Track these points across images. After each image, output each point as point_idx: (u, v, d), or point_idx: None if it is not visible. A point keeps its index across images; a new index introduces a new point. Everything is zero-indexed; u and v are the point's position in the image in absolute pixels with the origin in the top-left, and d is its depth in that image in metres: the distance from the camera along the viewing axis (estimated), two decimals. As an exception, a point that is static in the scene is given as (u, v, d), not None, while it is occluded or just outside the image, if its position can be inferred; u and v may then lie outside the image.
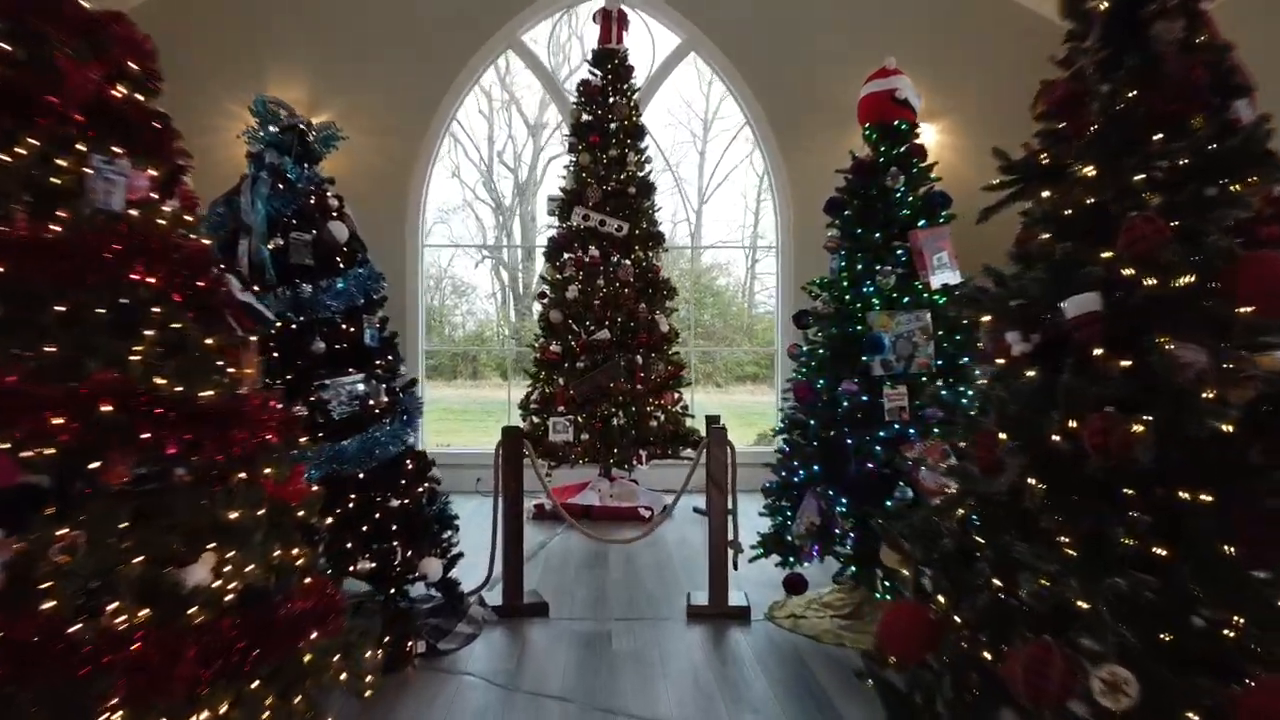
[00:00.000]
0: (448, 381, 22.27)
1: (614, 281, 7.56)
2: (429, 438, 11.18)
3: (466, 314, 20.82)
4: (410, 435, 4.34)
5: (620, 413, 7.42)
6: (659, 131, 10.65)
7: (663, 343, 7.70)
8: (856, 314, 4.47)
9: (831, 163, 9.45)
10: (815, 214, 9.58)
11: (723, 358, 18.05)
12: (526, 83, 16.57)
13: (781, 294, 9.10)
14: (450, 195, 17.48)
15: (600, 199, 7.65)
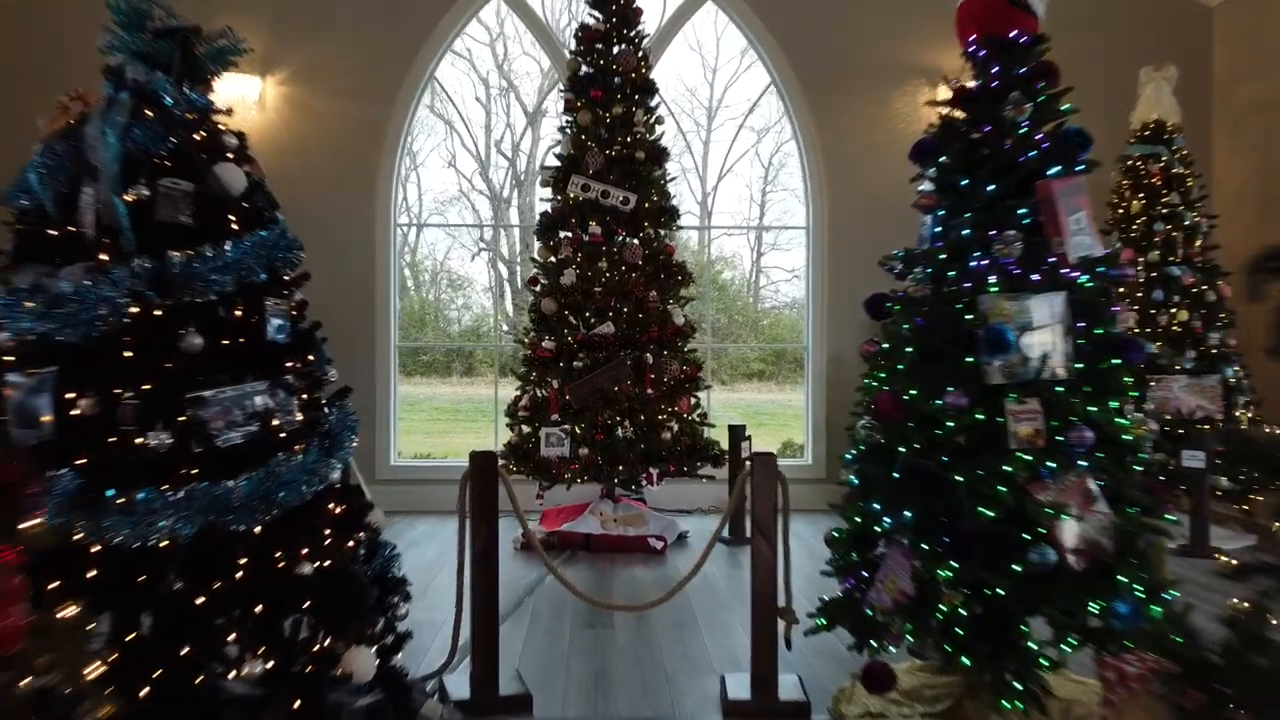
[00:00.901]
0: (443, 378, 21.23)
1: (619, 264, 6.30)
2: (406, 446, 9.90)
3: (462, 308, 19.87)
4: (335, 467, 3.08)
5: (626, 421, 6.16)
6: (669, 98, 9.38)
7: (677, 338, 6.44)
8: (962, 298, 3.20)
9: (874, 130, 8.21)
10: (854, 190, 8.05)
11: (728, 354, 16.80)
12: (525, 69, 15.48)
13: (813, 281, 7.84)
14: (447, 186, 16.52)
15: (602, 166, 6.38)
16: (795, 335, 17.15)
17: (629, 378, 6.17)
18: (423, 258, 19.42)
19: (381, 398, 7.58)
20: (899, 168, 8.05)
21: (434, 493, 7.57)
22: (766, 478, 3.47)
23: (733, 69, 14.33)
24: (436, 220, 15.74)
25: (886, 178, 7.73)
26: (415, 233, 17.56)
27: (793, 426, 16.31)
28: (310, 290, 7.50)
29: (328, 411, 3.18)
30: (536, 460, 6.26)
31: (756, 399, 19.07)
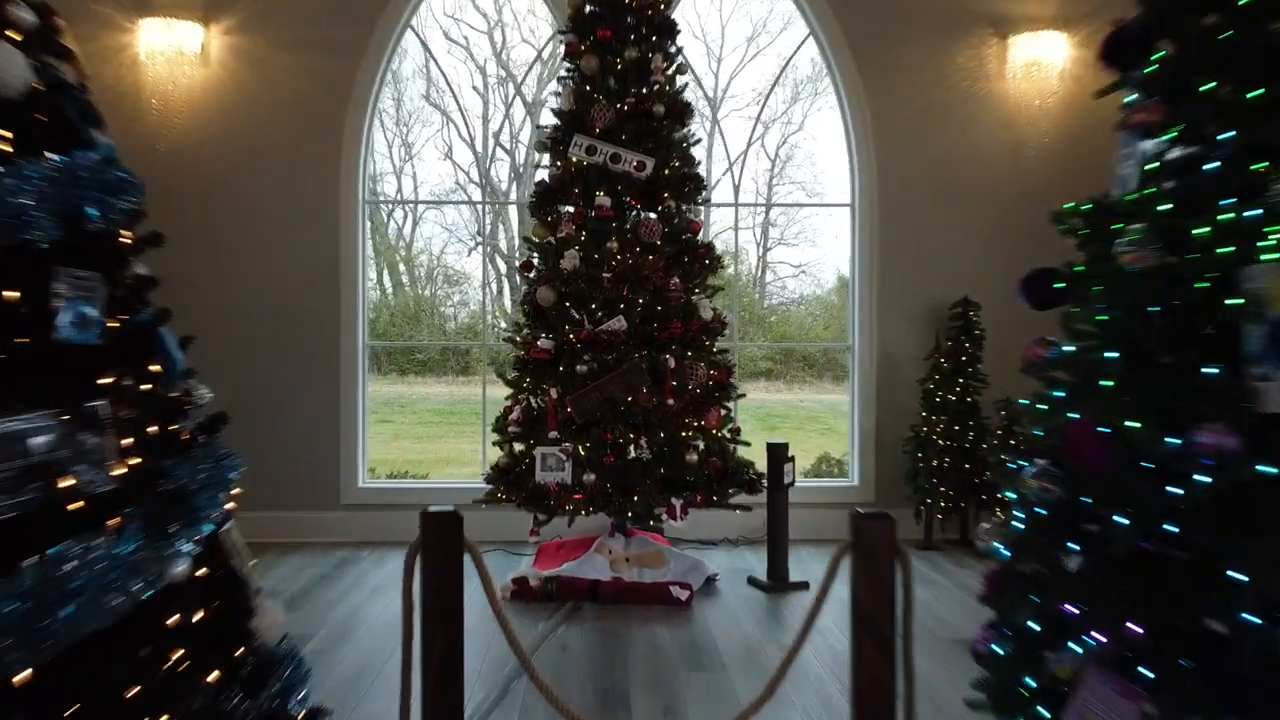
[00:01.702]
0: (438, 377, 20.15)
1: (632, 245, 5.08)
2: (395, 453, 8.62)
3: (459, 304, 18.87)
4: (181, 554, 1.85)
5: (642, 440, 4.94)
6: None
7: (704, 335, 5.22)
8: (1213, 270, 1.96)
9: (932, 89, 6.39)
10: (908, 158, 6.53)
11: (737, 353, 15.61)
12: (525, 58, 14.43)
13: (859, 267, 6.61)
14: (443, 178, 15.46)
15: (612, 123, 5.17)
16: (803, 332, 15.91)
17: (645, 385, 4.95)
18: (418, 252, 18.38)
19: (347, 408, 6.36)
20: (963, 131, 6.68)
21: (411, 521, 6.33)
22: (878, 547, 2.25)
23: (738, 58, 13.21)
24: (434, 216, 14.48)
25: (948, 144, 6.52)
26: (410, 226, 16.37)
27: (807, 429, 15.11)
28: (260, 279, 6.00)
29: (193, 455, 1.97)
30: (530, 488, 5.05)
31: (766, 399, 17.92)
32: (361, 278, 6.45)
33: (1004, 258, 6.55)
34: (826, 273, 15.42)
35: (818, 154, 13.51)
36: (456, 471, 12.33)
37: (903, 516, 6.46)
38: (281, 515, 6.32)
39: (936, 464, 6.13)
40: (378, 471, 8.12)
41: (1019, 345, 6.34)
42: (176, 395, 2.03)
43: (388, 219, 15.54)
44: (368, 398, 6.55)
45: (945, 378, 6.22)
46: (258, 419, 6.32)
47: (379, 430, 15.59)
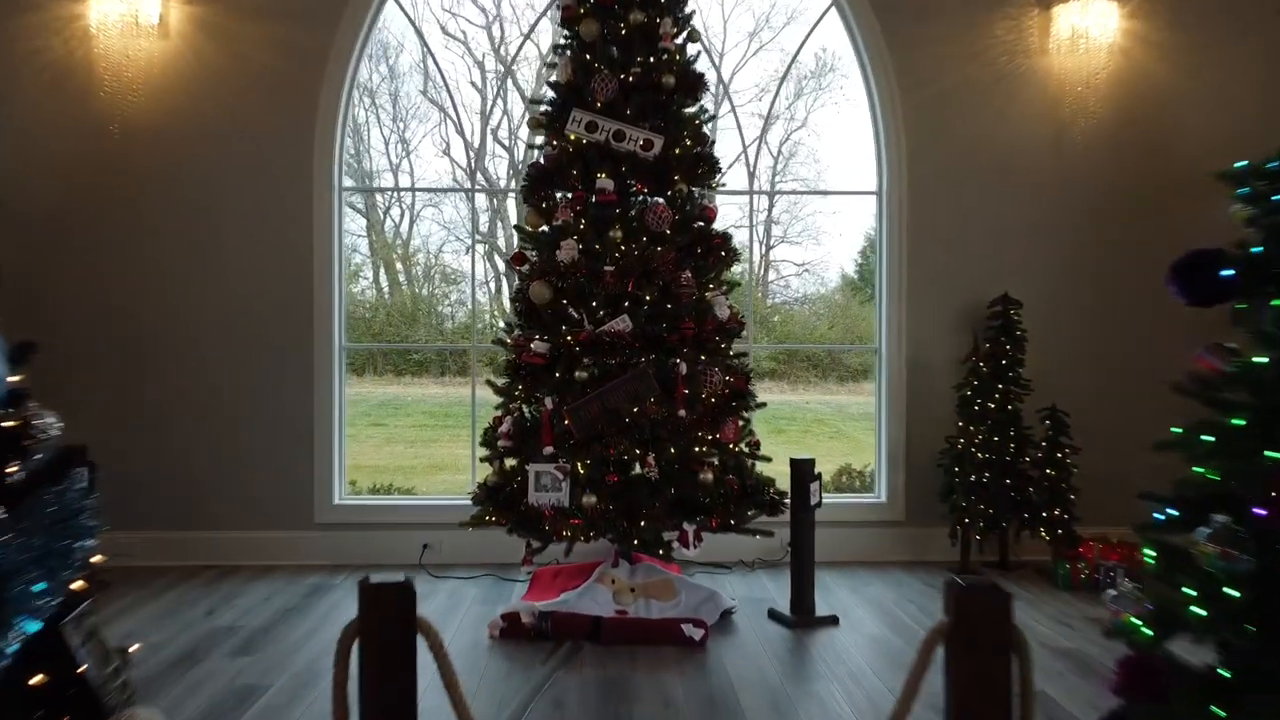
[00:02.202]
0: (435, 378, 19.66)
1: (638, 234, 4.48)
2: (388, 457, 7.94)
3: (457, 304, 18.39)
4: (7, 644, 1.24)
5: (650, 456, 4.33)
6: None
7: (720, 337, 4.61)
8: None
9: (968, 64, 5.77)
10: (941, 141, 5.90)
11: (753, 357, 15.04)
12: (524, 52, 13.87)
13: (886, 262, 5.99)
14: (441, 176, 14.98)
15: (615, 96, 4.56)
16: (807, 332, 15.35)
17: (653, 394, 4.34)
18: (415, 250, 17.88)
19: (321, 416, 5.75)
20: (1001, 112, 5.81)
21: (392, 541, 5.75)
22: (986, 637, 1.63)
23: (740, 53, 12.63)
24: (432, 214, 13.90)
25: (984, 125, 5.91)
26: (408, 223, 15.81)
27: (815, 433, 14.54)
28: (225, 273, 5.47)
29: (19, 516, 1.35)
30: (522, 510, 4.44)
31: (770, 401, 17.36)
32: (338, 272, 5.84)
33: (1047, 250, 5.95)
34: (830, 271, 14.92)
35: (821, 150, 12.98)
36: (449, 480, 11.74)
37: (934, 536, 5.87)
38: (248, 536, 5.71)
39: (975, 479, 5.52)
40: (359, 485, 7.52)
41: (1064, 347, 5.74)
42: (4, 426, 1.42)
43: (384, 216, 15.03)
44: (345, 404, 5.94)
45: (984, 383, 5.61)
46: (221, 429, 5.71)
47: (371, 434, 14.99)
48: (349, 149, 13.75)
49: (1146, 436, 5.98)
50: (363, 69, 12.92)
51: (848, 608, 4.83)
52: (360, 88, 12.47)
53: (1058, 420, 5.58)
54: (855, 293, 14.81)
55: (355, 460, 13.50)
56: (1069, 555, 5.38)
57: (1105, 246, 5.94)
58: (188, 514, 5.71)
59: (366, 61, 12.89)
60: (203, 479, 5.70)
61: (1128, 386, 5.94)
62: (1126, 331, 5.95)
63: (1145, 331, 5.95)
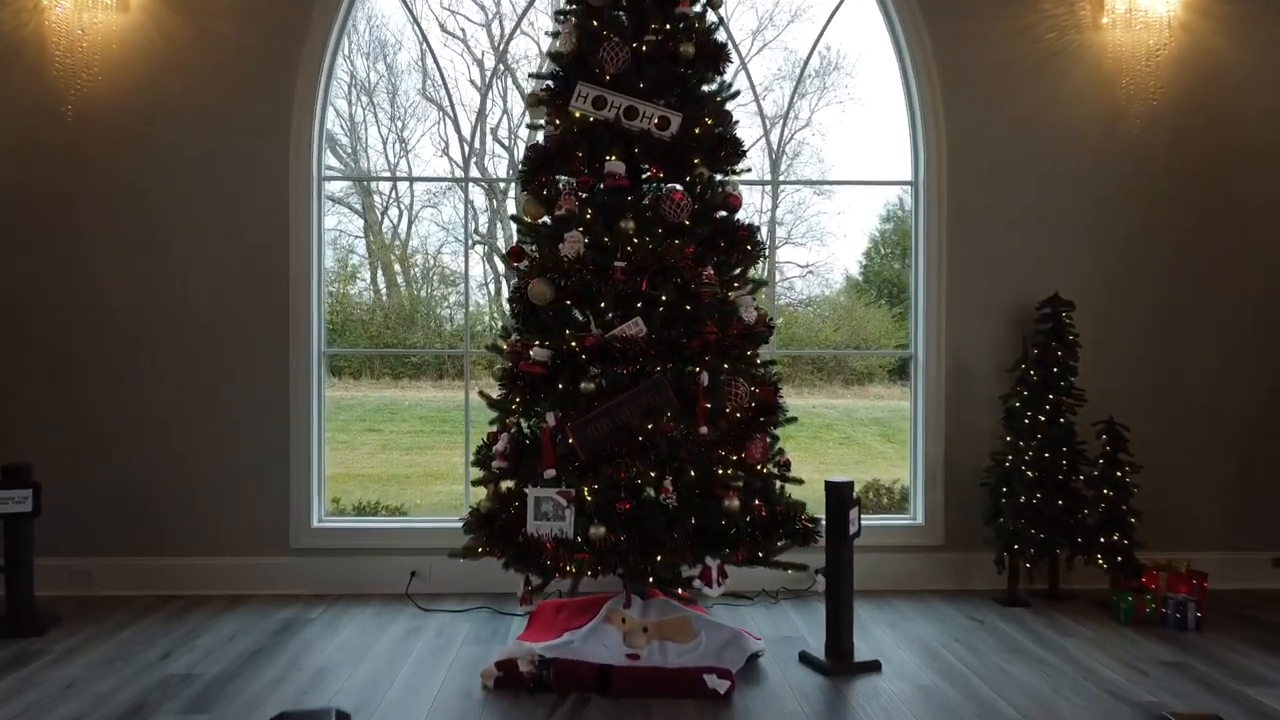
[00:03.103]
0: (434, 381, 19.22)
1: (653, 224, 3.92)
2: (381, 465, 7.29)
3: (456, 305, 17.94)
4: None
5: (667, 481, 3.76)
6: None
7: (746, 343, 4.05)
8: None
9: (1013, 40, 5.15)
10: (985, 124, 5.27)
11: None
12: (523, 49, 13.40)
13: (924, 258, 5.42)
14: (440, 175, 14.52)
15: (626, 68, 4.00)
16: (812, 335, 14.83)
17: (671, 408, 3.78)
18: (413, 251, 17.46)
19: (298, 430, 5.18)
20: (1050, 93, 5.13)
21: (377, 568, 5.19)
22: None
23: (747, 48, 12.16)
24: (430, 215, 13.36)
25: (1031, 108, 5.36)
26: (406, 224, 15.30)
27: (824, 439, 13.97)
28: (190, 273, 4.94)
29: None
30: (520, 541, 3.87)
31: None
32: (316, 269, 5.27)
33: (1101, 246, 5.38)
34: (835, 273, 14.44)
35: (825, 150, 12.50)
36: (444, 491, 11.19)
37: (976, 562, 5.29)
38: (218, 563, 5.15)
39: (1025, 500, 4.96)
40: (343, 503, 6.94)
41: (1121, 353, 5.11)
42: None
43: (382, 216, 14.58)
44: (325, 417, 5.37)
45: (1034, 394, 5.04)
46: (187, 444, 5.16)
47: (366, 441, 14.43)
48: (345, 148, 13.23)
49: (1215, 452, 5.52)
50: (359, 65, 12.29)
51: (888, 649, 4.27)
52: (358, 85, 11.97)
53: (1116, 435, 5.01)
54: (860, 295, 14.38)
55: (349, 469, 12.94)
56: (1131, 586, 4.82)
57: (1166, 241, 5.37)
58: (151, 539, 5.15)
59: (363, 59, 12.31)
60: (167, 500, 5.14)
61: (1194, 397, 5.39)
62: (1192, 335, 5.38)
63: (1213, 336, 5.38)
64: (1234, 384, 5.42)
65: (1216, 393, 5.41)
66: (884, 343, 14.89)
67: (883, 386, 14.92)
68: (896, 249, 14.44)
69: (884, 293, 14.68)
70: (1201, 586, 4.74)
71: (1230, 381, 5.42)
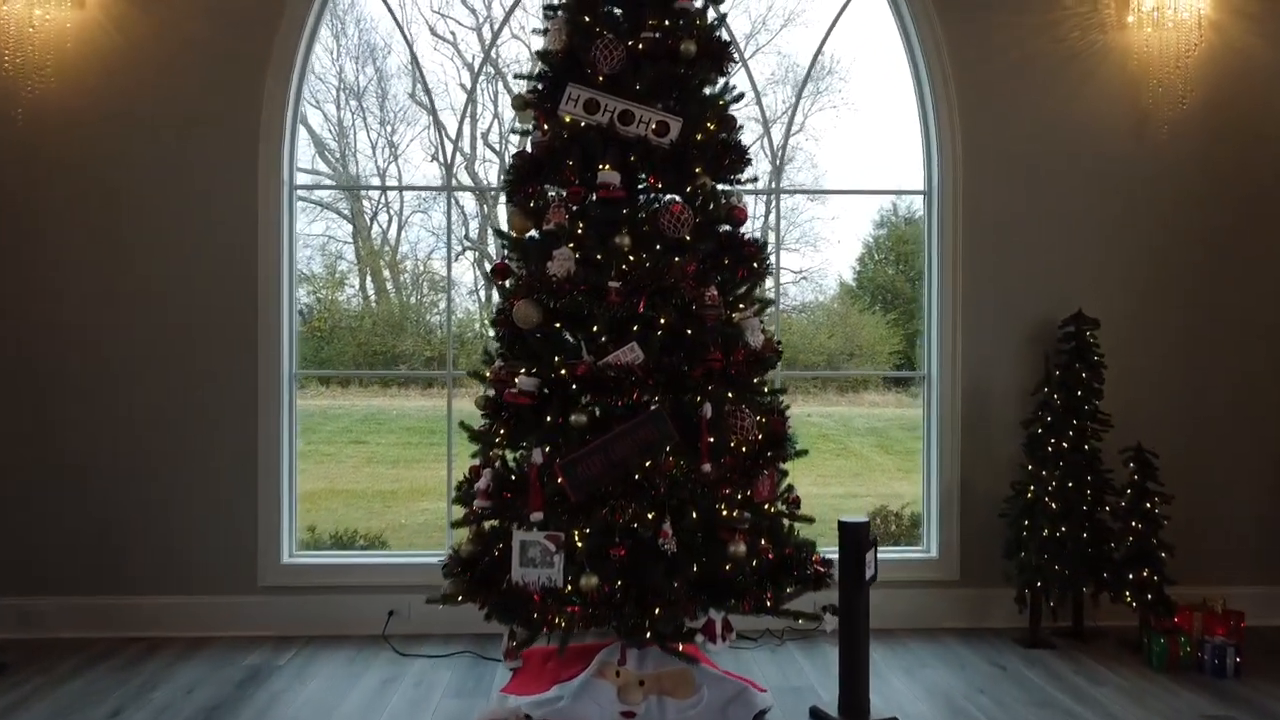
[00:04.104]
0: (422, 390, 18.86)
1: (650, 240, 3.56)
2: (367, 479, 6.79)
3: (446, 312, 17.60)
4: None
5: (666, 524, 3.40)
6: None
7: (753, 369, 3.69)
8: None
9: (1032, 38, 4.77)
10: (998, 126, 4.85)
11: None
12: (514, 53, 13.09)
13: (937, 271, 5.08)
14: (430, 180, 14.20)
15: (622, 67, 3.64)
16: (805, 342, 14.45)
17: (671, 442, 3.43)
18: (402, 256, 17.14)
19: (267, 457, 4.81)
20: (1073, 96, 4.69)
21: (352, 607, 4.82)
22: None
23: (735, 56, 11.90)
24: (420, 220, 12.97)
25: (1053, 111, 5.02)
26: (395, 230, 14.94)
27: (820, 449, 13.58)
28: (150, 290, 4.46)
29: None
30: (505, 589, 3.51)
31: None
32: (287, 284, 4.90)
33: (1128, 259, 5.05)
34: (829, 279, 14.12)
35: (819, 155, 12.19)
36: (430, 510, 10.79)
37: (994, 598, 4.92)
38: (180, 602, 4.77)
39: (1048, 533, 4.61)
40: (318, 532, 6.54)
41: (1150, 374, 4.70)
42: None
43: (371, 222, 14.23)
44: (297, 443, 5.00)
45: (1058, 419, 4.70)
46: (145, 473, 4.78)
47: (352, 453, 13.99)
48: (334, 153, 12.82)
49: (1249, 478, 5.14)
50: (349, 69, 11.87)
51: (906, 703, 3.91)
52: (346, 89, 11.63)
53: (1144, 462, 4.67)
54: (854, 301, 14.09)
55: (333, 484, 12.49)
56: (1164, 628, 4.48)
57: (1197, 254, 5.05)
58: (107, 575, 4.77)
59: (352, 63, 11.90)
60: (125, 533, 4.77)
61: (1225, 418, 5.06)
62: (1224, 355, 5.05)
63: (1247, 355, 5.06)
64: (1268, 405, 5.09)
65: (1249, 414, 5.08)
66: (879, 349, 14.52)
67: (878, 394, 14.56)
68: (890, 254, 14.11)
69: (878, 298, 14.33)
70: (1239, 628, 4.40)
71: (1264, 403, 5.09)
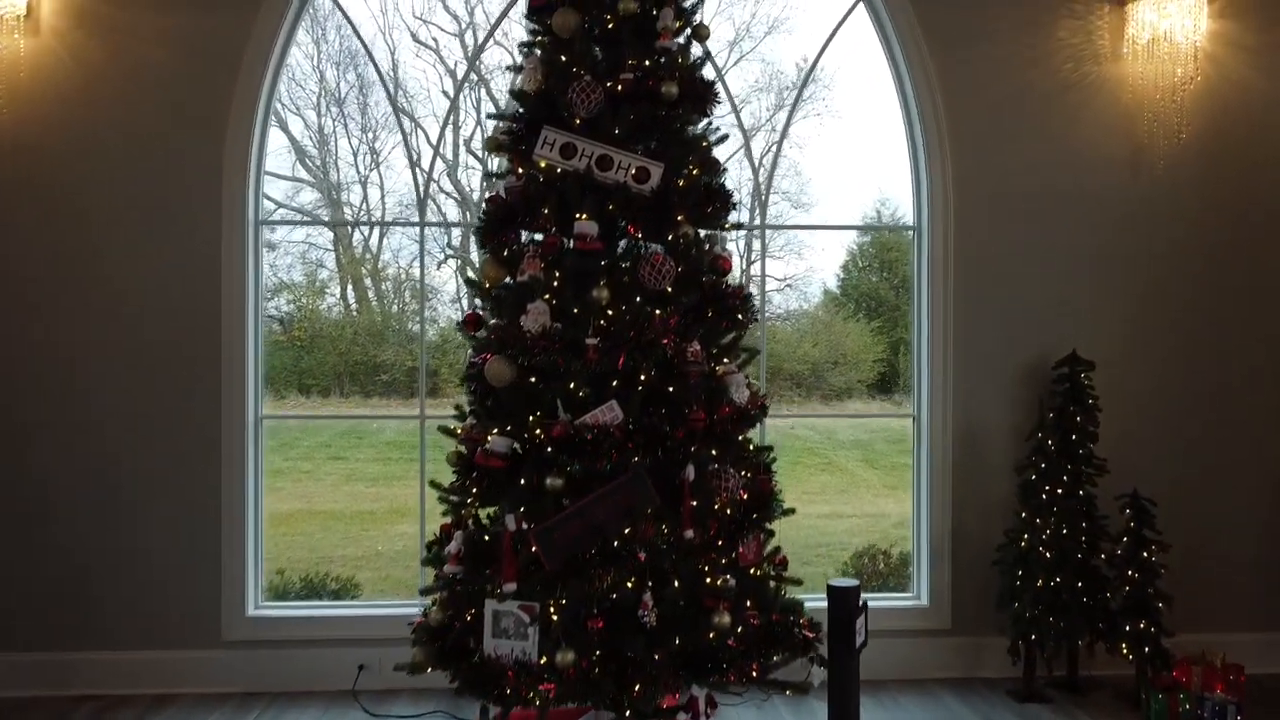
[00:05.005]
0: (404, 400, 18.63)
1: (631, 292, 3.38)
2: (346, 499, 6.55)
3: (428, 321, 17.37)
4: None
5: (647, 594, 3.22)
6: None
7: (737, 425, 3.52)
8: None
9: (1026, 70, 4.56)
10: (989, 160, 4.65)
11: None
12: (497, 59, 12.93)
13: (927, 312, 4.92)
14: (411, 190, 13.96)
15: (600, 110, 3.46)
16: (790, 350, 14.36)
17: (652, 506, 3.25)
18: (384, 262, 16.93)
19: (231, 505, 4.61)
20: (1067, 130, 4.47)
21: (321, 661, 4.62)
22: None
23: (724, 60, 11.76)
24: (401, 227, 12.81)
25: (1046, 146, 4.88)
26: (377, 238, 14.75)
27: (805, 464, 13.46)
28: (108, 329, 4.23)
29: None
30: (478, 660, 3.32)
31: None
32: (253, 326, 4.69)
33: (1123, 298, 4.91)
34: (813, 287, 14.07)
35: (804, 163, 12.10)
36: (408, 533, 10.57)
37: (987, 647, 4.75)
38: (139, 657, 4.56)
39: (1043, 584, 4.46)
40: (287, 576, 6.30)
41: (1145, 417, 4.56)
42: None
43: (352, 231, 14.06)
44: (263, 490, 4.79)
45: (1052, 465, 4.55)
46: (105, 521, 4.56)
47: (330, 471, 13.75)
48: (314, 159, 12.59)
49: (1248, 522, 4.91)
50: (329, 75, 11.63)
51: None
52: (327, 95, 11.46)
53: (1141, 510, 4.53)
54: (839, 309, 14.03)
55: (310, 504, 12.23)
56: (1163, 684, 4.33)
57: (1194, 293, 4.91)
58: (62, 629, 4.55)
59: (333, 69, 11.70)
60: (80, 585, 4.55)
61: (1223, 460, 4.93)
62: (1221, 397, 4.92)
63: (1245, 398, 4.92)
64: (1267, 447, 4.96)
65: (1248, 457, 4.95)
66: (863, 357, 14.37)
67: (861, 402, 14.44)
68: (874, 261, 14.01)
69: (862, 306, 14.22)
70: (1239, 683, 4.26)
71: (1263, 445, 4.96)
